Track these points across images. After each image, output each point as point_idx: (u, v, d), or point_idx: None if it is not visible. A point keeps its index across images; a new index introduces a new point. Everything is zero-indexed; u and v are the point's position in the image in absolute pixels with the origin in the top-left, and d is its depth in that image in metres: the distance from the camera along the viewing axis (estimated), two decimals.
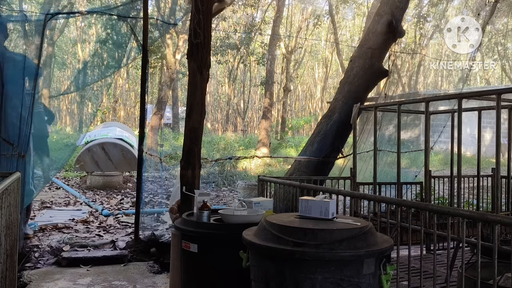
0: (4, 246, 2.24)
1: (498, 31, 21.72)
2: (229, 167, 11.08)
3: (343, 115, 5.25)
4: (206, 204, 2.45)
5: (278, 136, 21.58)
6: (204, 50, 3.08)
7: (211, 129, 30.21)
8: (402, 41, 16.93)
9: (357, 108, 4.20)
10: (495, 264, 1.92)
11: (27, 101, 3.93)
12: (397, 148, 3.75)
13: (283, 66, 22.72)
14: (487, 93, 3.95)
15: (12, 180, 2.47)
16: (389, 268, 1.86)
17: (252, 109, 35.17)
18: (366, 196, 3.23)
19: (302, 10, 25.38)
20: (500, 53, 24.74)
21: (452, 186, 3.53)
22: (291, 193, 3.65)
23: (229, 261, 2.22)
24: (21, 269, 3.50)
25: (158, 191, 8.64)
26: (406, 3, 5.83)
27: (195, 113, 3.14)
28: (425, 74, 32.04)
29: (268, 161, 13.48)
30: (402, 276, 3.05)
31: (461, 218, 2.22)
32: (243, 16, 20.99)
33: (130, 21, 4.65)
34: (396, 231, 2.85)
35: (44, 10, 4.28)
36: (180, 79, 24.12)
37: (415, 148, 7.42)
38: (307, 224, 1.89)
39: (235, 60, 24.70)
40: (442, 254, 3.89)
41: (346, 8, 24.65)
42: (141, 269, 3.73)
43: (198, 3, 3.05)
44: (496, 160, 3.51)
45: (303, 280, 1.76)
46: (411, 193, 5.08)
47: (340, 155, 5.76)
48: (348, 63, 6.54)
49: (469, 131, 11.64)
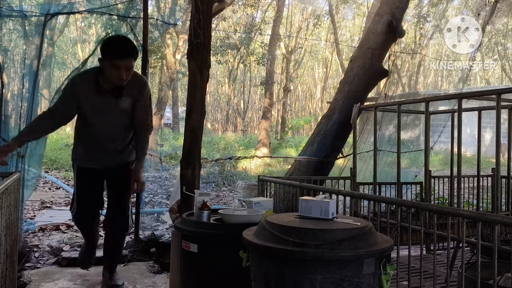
0: (4, 246, 2.24)
1: (498, 31, 21.74)
2: (229, 167, 11.08)
3: (343, 115, 5.25)
4: (206, 204, 2.45)
5: (278, 136, 21.59)
6: (204, 50, 3.08)
7: (211, 129, 30.22)
8: (402, 41, 16.94)
9: (357, 108, 4.20)
10: (495, 264, 1.92)
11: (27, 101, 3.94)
12: (397, 148, 3.75)
13: (283, 66, 22.74)
14: (487, 93, 3.95)
15: (12, 180, 2.47)
16: (389, 268, 1.86)
17: (252, 109, 35.18)
18: (366, 196, 3.22)
19: (302, 10, 25.41)
20: (500, 53, 24.76)
21: (452, 186, 3.53)
22: (291, 193, 3.65)
23: (229, 261, 2.22)
24: (21, 269, 3.49)
25: (158, 191, 8.63)
26: (406, 3, 5.83)
27: (195, 113, 3.14)
28: (425, 74, 32.06)
29: (268, 161, 13.49)
30: (402, 276, 3.05)
31: (461, 218, 2.22)
32: (243, 16, 20.99)
33: (130, 21, 4.65)
34: (396, 231, 2.85)
35: (44, 10, 4.27)
36: (180, 79, 24.13)
37: (415, 148, 7.42)
38: (307, 224, 1.89)
39: (235, 60, 24.71)
40: (442, 254, 3.89)
41: (346, 8, 24.67)
42: (141, 269, 3.73)
43: (198, 3, 3.05)
44: (496, 160, 3.51)
45: (303, 280, 1.76)
46: (411, 193, 5.08)
47: (340, 155, 5.76)
48: (348, 63, 6.54)
49: (469, 131, 11.65)
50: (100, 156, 3.09)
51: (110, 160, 3.11)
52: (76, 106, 2.96)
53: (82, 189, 3.15)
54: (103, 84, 2.91)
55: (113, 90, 2.91)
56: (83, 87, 2.92)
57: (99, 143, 3.06)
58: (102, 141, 3.06)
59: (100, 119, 2.99)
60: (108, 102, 2.94)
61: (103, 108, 2.94)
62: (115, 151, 3.10)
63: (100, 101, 2.93)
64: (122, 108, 2.97)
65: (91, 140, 3.08)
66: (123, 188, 3.16)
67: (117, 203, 3.17)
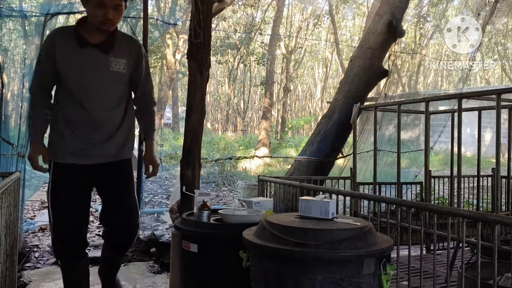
0: (4, 246, 2.24)
1: (498, 31, 21.73)
2: (229, 167, 11.08)
3: (343, 115, 5.25)
4: (206, 204, 2.45)
5: (278, 136, 21.59)
6: (204, 50, 3.07)
7: (211, 129, 30.22)
8: (402, 41, 16.92)
9: (357, 108, 4.20)
10: (495, 264, 1.92)
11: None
12: (397, 148, 3.74)
13: (283, 66, 22.73)
14: (487, 93, 3.94)
15: (12, 180, 2.47)
16: (389, 268, 1.86)
17: (252, 109, 35.17)
18: (366, 196, 3.22)
19: (302, 10, 25.41)
20: (500, 53, 24.75)
21: (452, 186, 3.53)
22: (291, 193, 3.65)
23: (229, 261, 2.22)
24: (21, 269, 3.49)
25: (158, 191, 8.64)
26: (406, 3, 5.84)
27: (195, 113, 3.13)
28: (425, 74, 32.04)
29: (268, 161, 13.49)
30: (402, 276, 3.05)
31: (461, 218, 2.22)
32: (243, 16, 21.00)
33: (130, 21, 4.65)
34: (396, 231, 2.85)
35: (44, 10, 4.27)
36: (180, 79, 24.14)
37: (415, 148, 7.41)
38: (307, 224, 1.89)
39: (235, 60, 24.71)
40: (442, 254, 3.88)
41: (346, 8, 24.68)
42: (141, 269, 3.73)
43: (198, 3, 3.05)
44: (496, 160, 3.51)
45: (303, 280, 1.76)
46: (411, 193, 5.08)
47: (340, 155, 5.77)
48: (348, 63, 6.54)
49: (469, 131, 11.66)
50: (92, 141, 2.39)
51: (106, 148, 2.42)
52: (55, 69, 2.32)
53: (65, 199, 2.36)
54: (85, 35, 2.32)
55: (100, 43, 2.32)
56: (60, 41, 2.32)
57: (89, 122, 2.36)
58: (92, 119, 2.36)
59: (87, 84, 2.33)
60: (95, 59, 2.32)
61: (89, 67, 2.32)
62: (110, 134, 2.42)
63: (84, 57, 2.31)
64: (114, 71, 2.36)
65: (76, 117, 2.35)
66: (124, 187, 2.56)
67: (118, 203, 2.52)
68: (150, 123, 2.68)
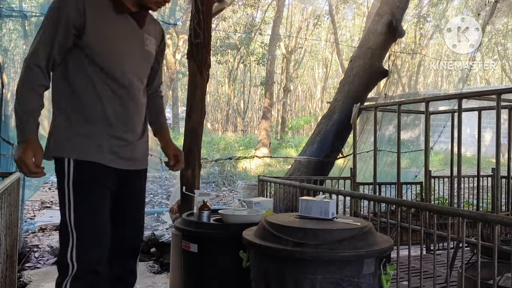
0: (4, 246, 2.24)
1: (498, 31, 21.74)
2: (229, 167, 11.09)
3: (343, 115, 5.25)
4: (206, 204, 2.45)
5: (278, 136, 21.59)
6: (204, 50, 3.07)
7: (211, 129, 30.20)
8: (402, 41, 16.92)
9: (357, 108, 4.20)
10: (495, 264, 1.92)
11: None
12: (397, 148, 3.75)
13: (283, 66, 22.72)
14: (487, 93, 3.95)
15: (12, 180, 2.47)
16: (389, 268, 1.86)
17: (252, 109, 35.16)
18: (366, 196, 3.23)
19: (302, 10, 25.39)
20: (500, 53, 24.75)
21: (452, 186, 3.53)
22: (291, 193, 3.65)
23: (229, 261, 2.22)
24: (21, 269, 3.50)
25: (158, 191, 8.64)
26: (406, 3, 5.84)
27: (195, 113, 3.14)
28: (425, 74, 32.04)
29: (268, 161, 13.49)
30: (402, 276, 3.05)
31: (461, 218, 2.23)
32: (243, 16, 20.98)
33: None
34: (396, 231, 2.85)
35: (44, 10, 4.27)
36: (180, 79, 24.13)
37: (415, 148, 7.43)
38: (307, 224, 1.89)
39: (235, 60, 24.70)
40: (442, 254, 3.89)
41: (346, 8, 24.65)
42: (141, 269, 3.73)
43: (198, 3, 3.05)
44: (496, 160, 3.50)
45: (303, 280, 1.76)
46: (411, 193, 5.09)
47: (340, 155, 5.77)
48: (348, 63, 6.55)
49: (469, 131, 11.65)
50: (126, 138, 1.83)
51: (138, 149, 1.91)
52: (77, 37, 1.70)
53: (95, 199, 1.75)
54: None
55: (137, 13, 1.84)
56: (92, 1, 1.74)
57: (123, 112, 1.80)
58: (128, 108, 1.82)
59: (124, 62, 1.79)
60: (132, 30, 1.84)
61: (127, 38, 1.82)
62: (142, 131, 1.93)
63: (120, 25, 1.80)
64: (148, 50, 1.91)
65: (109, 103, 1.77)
66: (142, 204, 2.05)
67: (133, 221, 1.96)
68: (164, 114, 2.22)
